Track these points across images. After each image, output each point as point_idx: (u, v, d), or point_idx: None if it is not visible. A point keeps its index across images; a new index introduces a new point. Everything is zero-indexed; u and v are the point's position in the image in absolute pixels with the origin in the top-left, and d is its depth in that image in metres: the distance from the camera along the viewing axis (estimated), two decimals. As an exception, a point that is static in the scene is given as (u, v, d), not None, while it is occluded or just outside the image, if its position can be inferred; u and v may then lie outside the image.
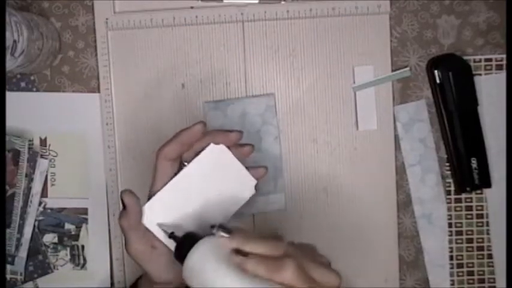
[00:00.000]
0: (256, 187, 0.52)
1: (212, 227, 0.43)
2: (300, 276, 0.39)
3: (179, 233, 0.47)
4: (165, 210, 0.49)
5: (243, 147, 0.51)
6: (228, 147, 0.50)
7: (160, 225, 0.48)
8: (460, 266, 0.63)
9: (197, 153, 0.50)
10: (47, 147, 0.63)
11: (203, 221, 0.51)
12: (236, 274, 0.40)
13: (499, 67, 0.62)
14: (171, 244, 0.49)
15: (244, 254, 0.40)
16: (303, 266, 0.40)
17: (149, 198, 0.49)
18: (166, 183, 0.49)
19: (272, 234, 0.43)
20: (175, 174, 0.49)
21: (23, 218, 0.62)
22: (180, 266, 0.50)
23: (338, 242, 0.63)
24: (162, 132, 0.63)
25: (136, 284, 0.55)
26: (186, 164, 0.50)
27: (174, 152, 0.48)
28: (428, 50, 0.62)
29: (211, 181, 0.50)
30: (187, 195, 0.50)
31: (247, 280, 0.39)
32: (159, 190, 0.49)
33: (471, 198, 0.63)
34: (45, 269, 0.64)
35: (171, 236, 0.46)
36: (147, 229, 0.49)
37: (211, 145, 0.49)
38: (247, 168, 0.51)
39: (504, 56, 0.62)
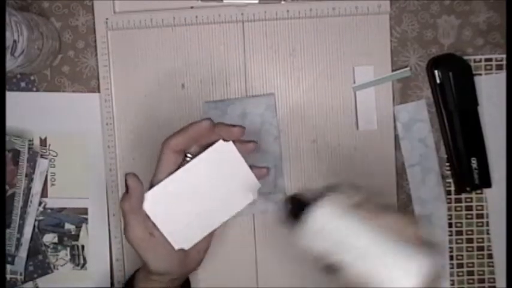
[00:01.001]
0: (258, 190, 0.52)
1: (326, 189, 0.43)
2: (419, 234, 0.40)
3: (175, 226, 0.48)
4: (167, 199, 0.50)
5: (247, 143, 0.52)
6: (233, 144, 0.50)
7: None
8: (460, 266, 0.63)
9: (204, 147, 0.50)
10: (47, 147, 0.63)
11: (203, 216, 0.51)
12: (360, 227, 0.40)
13: (499, 67, 0.62)
14: (169, 233, 0.50)
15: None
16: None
17: (151, 186, 0.50)
18: (171, 173, 0.49)
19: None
20: (180, 166, 0.50)
21: (23, 218, 0.62)
22: (178, 257, 0.50)
23: (338, 242, 0.63)
24: (162, 132, 0.62)
25: (133, 277, 0.55)
26: (190, 156, 0.50)
27: (180, 145, 0.49)
28: (428, 50, 0.62)
29: (216, 177, 0.50)
30: (191, 188, 0.50)
31: (373, 230, 0.40)
32: (163, 179, 0.49)
33: (471, 198, 0.63)
34: (45, 269, 0.64)
35: (291, 198, 0.46)
36: (147, 216, 0.49)
37: (220, 141, 0.50)
38: (250, 167, 0.51)
39: (504, 56, 0.62)
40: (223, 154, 0.50)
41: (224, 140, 0.50)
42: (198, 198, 0.50)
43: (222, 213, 0.52)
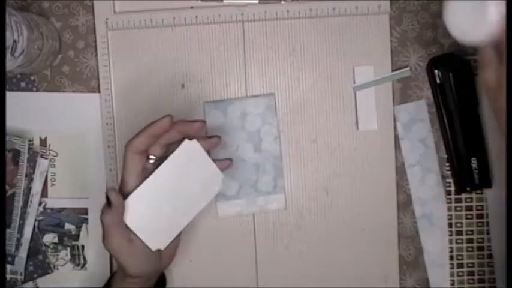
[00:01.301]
0: (223, 181, 0.54)
1: None
2: None
3: (150, 229, 0.50)
4: (142, 206, 0.51)
5: (211, 138, 0.53)
6: (197, 140, 0.51)
7: None
8: (460, 266, 0.63)
9: (165, 147, 0.51)
10: (47, 147, 0.63)
11: (175, 215, 0.53)
12: None
13: (499, 67, 0.62)
14: (146, 237, 0.52)
15: None
16: None
17: (119, 190, 0.51)
18: (144, 180, 0.51)
19: None
20: (144, 167, 0.51)
21: (23, 218, 0.62)
22: (155, 257, 0.52)
23: (338, 242, 0.63)
24: (162, 132, 0.63)
25: (109, 283, 0.56)
26: (153, 157, 0.51)
27: (142, 145, 0.50)
28: (428, 50, 0.62)
29: (185, 177, 0.52)
30: (163, 191, 0.52)
31: None
32: (130, 182, 0.51)
33: (471, 198, 0.63)
34: (45, 269, 0.64)
35: None
36: (126, 225, 0.51)
37: (185, 141, 0.51)
38: (214, 160, 0.53)
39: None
40: (190, 153, 0.51)
41: (188, 138, 0.51)
42: (170, 199, 0.52)
43: (192, 209, 0.54)
